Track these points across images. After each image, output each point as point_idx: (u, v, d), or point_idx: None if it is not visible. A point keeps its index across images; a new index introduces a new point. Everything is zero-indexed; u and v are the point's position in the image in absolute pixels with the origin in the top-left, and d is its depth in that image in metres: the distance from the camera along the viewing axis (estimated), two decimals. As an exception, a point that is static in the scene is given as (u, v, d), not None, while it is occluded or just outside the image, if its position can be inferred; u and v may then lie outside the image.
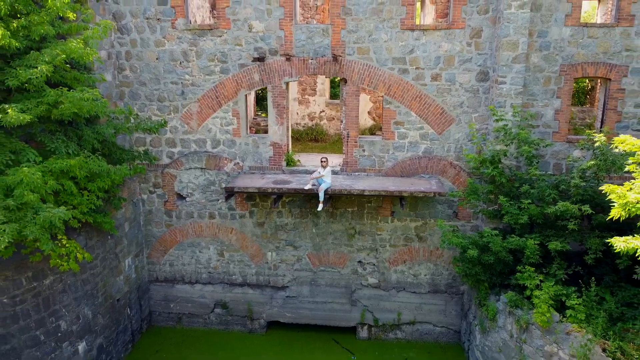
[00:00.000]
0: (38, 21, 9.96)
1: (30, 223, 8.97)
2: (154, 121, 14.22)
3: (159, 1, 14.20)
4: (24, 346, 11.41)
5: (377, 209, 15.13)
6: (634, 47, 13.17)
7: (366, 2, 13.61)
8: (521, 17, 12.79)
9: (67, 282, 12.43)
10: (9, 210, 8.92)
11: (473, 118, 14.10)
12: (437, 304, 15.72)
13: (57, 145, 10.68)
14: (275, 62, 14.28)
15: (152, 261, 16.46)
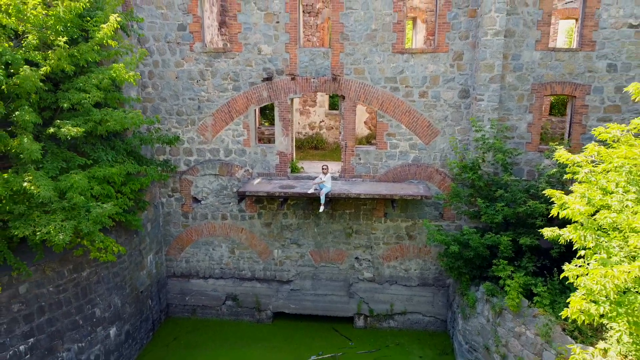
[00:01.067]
0: (86, 49, 11.74)
1: (84, 219, 10.73)
2: (171, 136, 16.01)
3: (179, 27, 16.03)
4: (66, 329, 13.13)
5: (372, 211, 16.91)
6: (595, 69, 15.03)
7: (362, 29, 15.45)
8: (496, 43, 14.63)
9: (101, 274, 14.17)
10: (65, 210, 10.67)
11: (456, 130, 15.92)
12: (425, 295, 17.47)
13: (99, 155, 12.46)
14: (281, 81, 16.09)
15: (170, 258, 18.19)
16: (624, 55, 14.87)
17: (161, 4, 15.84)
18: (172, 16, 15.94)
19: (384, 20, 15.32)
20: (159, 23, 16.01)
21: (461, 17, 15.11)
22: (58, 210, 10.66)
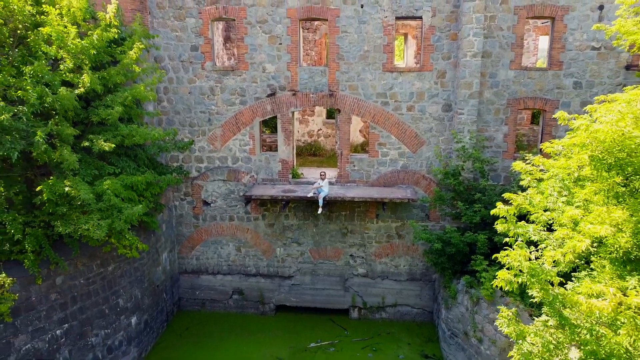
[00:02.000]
0: (114, 73, 13.47)
1: (117, 219, 12.43)
2: (186, 141, 17.73)
3: (192, 48, 17.77)
4: (94, 317, 14.80)
5: (365, 213, 18.63)
6: (562, 86, 16.81)
7: (355, 50, 17.21)
8: (474, 64, 16.41)
9: (124, 269, 15.85)
10: (101, 211, 12.36)
11: (440, 140, 17.68)
12: (414, 289, 19.17)
13: (124, 165, 14.17)
14: (283, 96, 17.83)
15: (182, 256, 19.87)
16: (587, 74, 16.67)
17: (176, 27, 17.58)
18: (186, 38, 17.68)
19: (375, 43, 17.09)
20: (174, 44, 17.75)
21: (444, 40, 16.89)
22: (95, 210, 12.34)
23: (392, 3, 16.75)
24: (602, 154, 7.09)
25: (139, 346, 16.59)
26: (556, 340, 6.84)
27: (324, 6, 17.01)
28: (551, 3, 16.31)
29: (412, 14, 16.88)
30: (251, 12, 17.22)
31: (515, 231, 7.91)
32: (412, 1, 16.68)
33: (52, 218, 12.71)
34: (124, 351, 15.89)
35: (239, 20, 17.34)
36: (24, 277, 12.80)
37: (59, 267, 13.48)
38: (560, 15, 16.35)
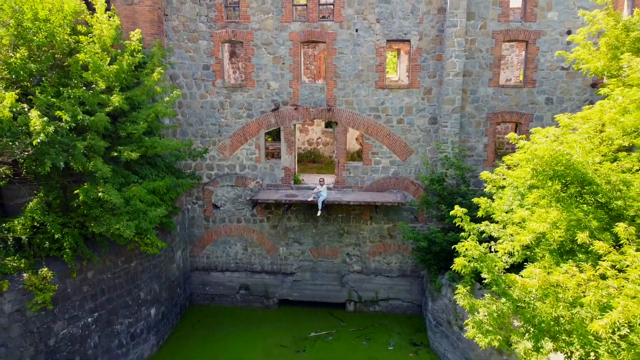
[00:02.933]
0: (139, 93, 15.30)
1: (142, 220, 14.23)
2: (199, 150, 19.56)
3: (204, 67, 19.60)
4: (119, 307, 16.57)
5: (360, 215, 20.43)
6: (536, 102, 18.67)
7: (351, 69, 19.06)
8: (456, 82, 18.27)
9: (144, 265, 17.62)
10: (129, 213, 14.16)
11: (427, 150, 19.51)
12: (404, 285, 20.96)
13: (146, 172, 15.98)
14: (286, 110, 19.65)
15: (193, 254, 21.64)
16: (558, 91, 18.53)
17: (189, 48, 19.43)
18: (198, 58, 19.52)
19: (368, 63, 18.94)
20: (188, 63, 19.59)
21: (429, 61, 18.75)
22: (124, 213, 14.14)
23: (384, 28, 18.61)
24: (542, 167, 8.90)
25: (157, 335, 18.36)
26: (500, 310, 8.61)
27: (323, 30, 18.86)
28: (524, 28, 18.19)
29: (401, 38, 18.75)
30: (257, 35, 19.07)
31: (468, 228, 9.73)
32: (401, 26, 18.54)
33: (86, 219, 14.50)
34: (144, 338, 17.66)
35: (247, 42, 19.19)
36: (61, 271, 14.57)
37: (90, 262, 15.26)
38: (532, 39, 18.22)
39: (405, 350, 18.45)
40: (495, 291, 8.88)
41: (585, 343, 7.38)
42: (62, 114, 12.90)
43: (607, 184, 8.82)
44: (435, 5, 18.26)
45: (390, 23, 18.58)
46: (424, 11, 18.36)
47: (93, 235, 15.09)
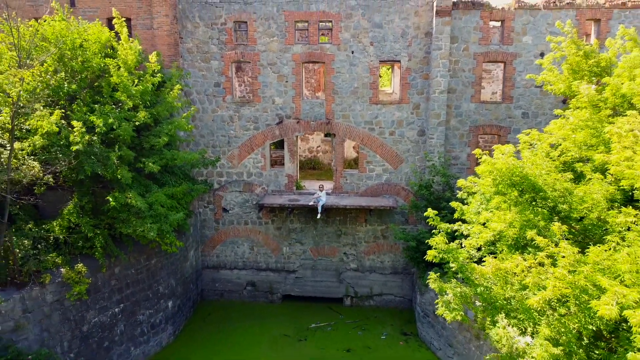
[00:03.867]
0: (161, 109, 17.25)
1: (164, 222, 16.15)
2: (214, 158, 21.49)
3: (215, 84, 21.56)
4: (141, 299, 18.45)
5: (356, 218, 22.34)
6: (513, 116, 20.62)
7: (347, 87, 21.02)
8: (442, 98, 20.22)
9: (163, 262, 19.52)
10: (152, 217, 16.08)
11: (416, 159, 21.45)
12: (396, 281, 22.84)
13: (166, 180, 17.91)
14: (289, 123, 21.60)
15: (204, 254, 23.53)
16: (533, 106, 20.49)
17: (202, 68, 21.40)
18: (210, 76, 21.49)
19: (363, 81, 20.91)
20: (201, 81, 21.55)
21: (418, 79, 20.71)
22: (147, 216, 16.05)
23: (377, 50, 20.59)
24: (501, 177, 10.81)
25: (173, 325, 20.24)
26: (463, 292, 10.47)
27: (322, 52, 20.84)
28: (503, 50, 20.18)
29: (392, 59, 20.73)
30: (263, 56, 21.04)
31: (439, 227, 11.66)
32: (392, 48, 20.52)
33: (114, 221, 16.41)
34: (163, 328, 19.54)
35: (254, 62, 21.17)
36: (93, 267, 16.45)
37: (117, 259, 17.16)
38: (509, 60, 20.20)
39: (397, 339, 20.33)
40: (461, 277, 10.79)
41: (528, 317, 9.28)
42: (95, 120, 14.80)
43: (553, 192, 10.74)
44: (423, 30, 20.24)
45: (382, 46, 20.56)
46: (413, 35, 20.34)
47: (120, 235, 17.01)
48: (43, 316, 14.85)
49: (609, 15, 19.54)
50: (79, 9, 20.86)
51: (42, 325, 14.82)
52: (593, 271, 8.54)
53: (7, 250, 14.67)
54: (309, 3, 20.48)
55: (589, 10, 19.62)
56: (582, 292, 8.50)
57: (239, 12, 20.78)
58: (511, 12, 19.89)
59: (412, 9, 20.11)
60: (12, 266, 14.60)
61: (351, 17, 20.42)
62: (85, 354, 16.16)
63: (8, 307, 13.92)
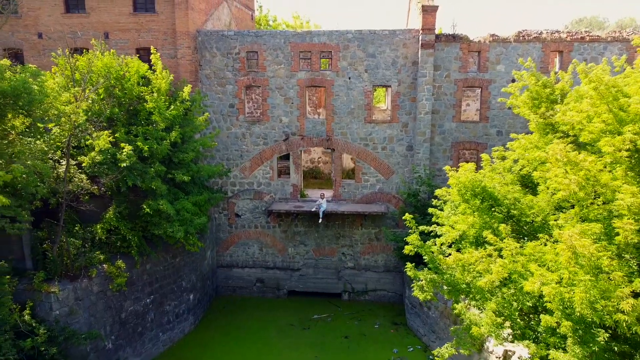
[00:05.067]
0: (188, 130, 20.04)
1: (190, 226, 18.89)
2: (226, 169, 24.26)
3: (229, 105, 24.38)
4: (168, 292, 21.15)
5: (353, 222, 25.07)
6: (489, 134, 23.41)
7: (345, 108, 23.82)
8: (426, 119, 23.03)
9: (185, 260, 22.23)
10: (180, 221, 18.81)
11: (405, 171, 24.22)
12: (388, 278, 25.53)
13: (190, 189, 20.68)
14: (294, 139, 24.39)
15: (219, 254, 26.24)
16: (506, 125, 23.28)
17: (219, 91, 24.23)
18: (225, 99, 24.32)
19: (358, 103, 23.73)
20: (217, 103, 24.37)
21: (406, 102, 23.53)
22: (176, 220, 18.79)
23: (370, 76, 23.43)
24: (465, 189, 13.55)
25: (194, 315, 22.93)
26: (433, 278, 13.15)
27: (323, 78, 23.68)
28: (479, 77, 23.01)
29: (384, 84, 23.57)
30: (272, 81, 23.88)
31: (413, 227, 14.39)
32: (384, 75, 23.36)
33: (147, 224, 19.14)
34: (185, 318, 22.23)
35: (263, 87, 24.01)
36: (129, 263, 19.16)
37: (148, 257, 19.87)
38: (485, 85, 23.02)
39: (388, 328, 23.01)
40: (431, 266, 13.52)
41: (482, 297, 11.98)
42: (141, 144, 17.60)
43: (506, 200, 13.49)
44: (410, 59, 23.08)
45: (375, 72, 23.40)
46: (402, 64, 23.19)
47: (151, 236, 19.73)
48: (90, 304, 17.55)
49: (570, 48, 22.40)
50: (112, 40, 23.72)
51: (90, 312, 17.51)
52: (527, 260, 11.28)
53: (62, 248, 17.41)
54: (312, 36, 23.36)
55: (553, 43, 22.48)
56: (520, 276, 11.23)
57: (251, 43, 23.65)
58: (486, 44, 22.74)
59: (401, 42, 22.97)
60: (66, 262, 17.32)
61: (348, 48, 23.28)
62: (123, 337, 18.85)
63: (64, 295, 16.63)
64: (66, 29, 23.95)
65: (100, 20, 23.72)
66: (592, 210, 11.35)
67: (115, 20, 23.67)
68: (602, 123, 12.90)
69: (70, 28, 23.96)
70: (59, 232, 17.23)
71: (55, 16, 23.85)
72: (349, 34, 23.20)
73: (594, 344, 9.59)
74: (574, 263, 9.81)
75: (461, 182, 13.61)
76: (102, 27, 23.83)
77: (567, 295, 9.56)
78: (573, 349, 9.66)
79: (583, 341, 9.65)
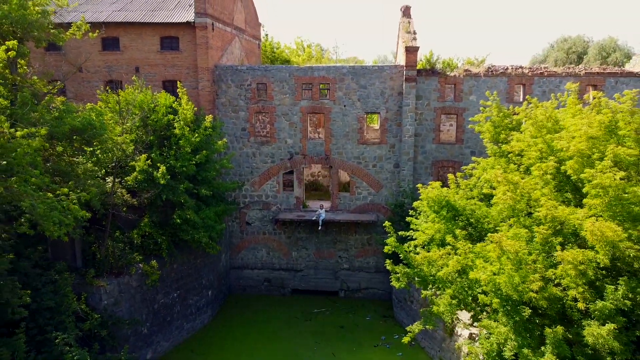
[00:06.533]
0: (211, 152, 23.58)
1: (212, 232, 22.38)
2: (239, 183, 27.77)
3: (242, 129, 27.97)
4: (190, 288, 24.58)
5: (348, 229, 28.54)
6: (464, 154, 26.96)
7: (341, 131, 27.39)
8: (410, 141, 26.60)
9: (205, 261, 25.68)
10: (204, 227, 22.28)
11: (392, 185, 27.74)
12: (379, 278, 28.90)
13: (211, 201, 24.18)
14: (298, 158, 27.94)
15: (232, 257, 29.67)
16: (478, 146, 26.77)
17: (232, 117, 27.83)
18: (238, 123, 27.91)
19: (352, 127, 27.31)
20: (231, 127, 27.96)
21: (393, 126, 27.11)
22: (201, 227, 22.28)
23: (362, 104, 27.05)
24: (432, 202, 17.04)
25: (212, 309, 26.34)
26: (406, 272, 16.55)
27: (322, 105, 27.29)
28: (455, 105, 26.62)
29: (374, 111, 27.18)
30: (279, 108, 27.49)
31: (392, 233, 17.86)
32: (374, 104, 26.97)
33: (177, 231, 22.61)
34: (204, 310, 25.64)
35: (271, 113, 27.63)
36: (160, 263, 22.57)
37: (175, 258, 23.31)
38: (460, 112, 26.62)
39: (378, 319, 26.42)
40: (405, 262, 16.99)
41: (443, 286, 15.41)
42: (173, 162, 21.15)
43: (465, 211, 16.99)
44: (396, 90, 26.71)
45: (367, 101, 27.02)
46: (389, 94, 26.81)
47: (177, 240, 23.17)
48: (130, 296, 20.96)
49: (531, 81, 26.03)
50: (142, 73, 27.35)
51: (130, 303, 20.92)
52: (475, 257, 14.76)
53: (108, 250, 20.87)
54: (312, 70, 27.02)
55: (517, 77, 26.12)
56: (469, 268, 14.70)
57: (260, 76, 27.30)
58: (461, 78, 26.37)
59: (388, 76, 26.62)
60: (112, 261, 20.77)
61: (343, 80, 26.92)
62: (155, 324, 22.25)
63: (111, 289, 20.05)
64: (102, 64, 27.62)
65: (132, 57, 27.40)
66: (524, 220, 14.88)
67: (145, 57, 27.34)
68: (538, 152, 16.52)
69: (106, 63, 27.63)
70: (105, 237, 20.72)
71: (94, 53, 27.49)
72: (344, 68, 26.87)
73: (518, 316, 13.03)
74: (504, 258, 13.32)
75: (430, 197, 17.15)
76: (133, 63, 27.50)
77: (498, 280, 13.05)
78: (500, 319, 13.13)
79: (509, 314, 13.11)
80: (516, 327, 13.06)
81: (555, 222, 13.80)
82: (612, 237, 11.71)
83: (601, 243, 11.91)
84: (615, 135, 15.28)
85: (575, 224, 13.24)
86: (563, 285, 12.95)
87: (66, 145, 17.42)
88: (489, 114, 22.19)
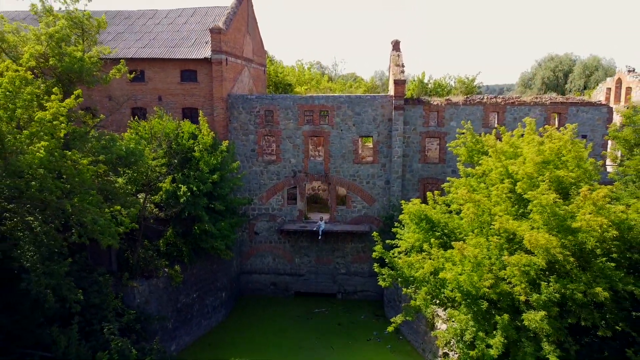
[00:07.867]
0: (225, 172, 26.88)
1: (228, 240, 25.60)
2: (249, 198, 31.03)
3: (251, 149, 31.30)
4: (207, 289, 27.73)
5: (345, 238, 31.74)
6: (446, 172, 30.21)
7: (338, 152, 30.71)
8: (399, 161, 29.92)
9: (219, 267, 28.86)
10: (220, 236, 25.51)
11: (384, 200, 31.00)
12: (372, 282, 31.91)
13: (225, 214, 27.43)
14: (300, 176, 31.23)
15: (242, 263, 32.83)
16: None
17: (243, 139, 31.19)
18: (248, 145, 31.25)
19: (348, 149, 30.65)
20: (242, 148, 31.30)
21: (384, 148, 30.45)
22: (218, 237, 25.51)
23: (357, 129, 30.41)
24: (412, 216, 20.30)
25: (225, 309, 29.48)
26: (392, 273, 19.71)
27: (322, 130, 30.66)
28: (438, 130, 29.98)
29: (367, 134, 30.54)
30: (284, 132, 30.86)
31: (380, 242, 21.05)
32: (367, 128, 30.33)
33: (197, 240, 25.83)
34: (219, 310, 28.77)
35: (277, 136, 30.99)
36: (182, 268, 25.76)
37: (195, 264, 26.51)
38: (442, 136, 29.97)
39: (371, 318, 29.54)
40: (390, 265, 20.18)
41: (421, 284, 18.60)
42: (193, 185, 24.45)
43: (440, 223, 20.25)
44: (387, 117, 30.10)
45: (361, 126, 30.38)
46: (380, 120, 30.20)
47: (197, 248, 26.37)
48: (158, 296, 24.14)
49: (504, 109, 29.42)
50: (164, 101, 30.77)
51: (158, 302, 24.08)
52: (446, 261, 17.99)
53: (139, 256, 24.09)
54: (313, 99, 30.43)
55: (491, 106, 29.51)
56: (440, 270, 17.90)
57: (268, 104, 30.71)
58: (442, 106, 29.76)
59: (380, 104, 30.03)
60: (142, 266, 23.97)
61: (340, 108, 30.32)
62: (179, 321, 25.40)
63: (142, 289, 23.23)
64: (129, 93, 31.04)
65: (155, 87, 30.83)
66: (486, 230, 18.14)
67: (167, 87, 30.76)
68: (498, 174, 19.83)
69: (132, 93, 31.05)
70: (137, 245, 23.96)
71: (122, 84, 30.91)
72: (341, 98, 30.30)
73: (477, 308, 16.24)
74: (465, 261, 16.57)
75: (411, 211, 20.42)
76: (156, 92, 30.92)
77: (460, 279, 16.29)
78: (462, 309, 16.36)
79: (469, 306, 16.33)
80: (475, 316, 16.27)
81: (507, 233, 17.07)
82: (545, 244, 14.95)
83: (537, 249, 15.16)
84: (559, 160, 18.62)
85: (521, 234, 16.50)
86: (513, 282, 16.19)
87: (109, 168, 20.71)
88: (464, 140, 25.51)
